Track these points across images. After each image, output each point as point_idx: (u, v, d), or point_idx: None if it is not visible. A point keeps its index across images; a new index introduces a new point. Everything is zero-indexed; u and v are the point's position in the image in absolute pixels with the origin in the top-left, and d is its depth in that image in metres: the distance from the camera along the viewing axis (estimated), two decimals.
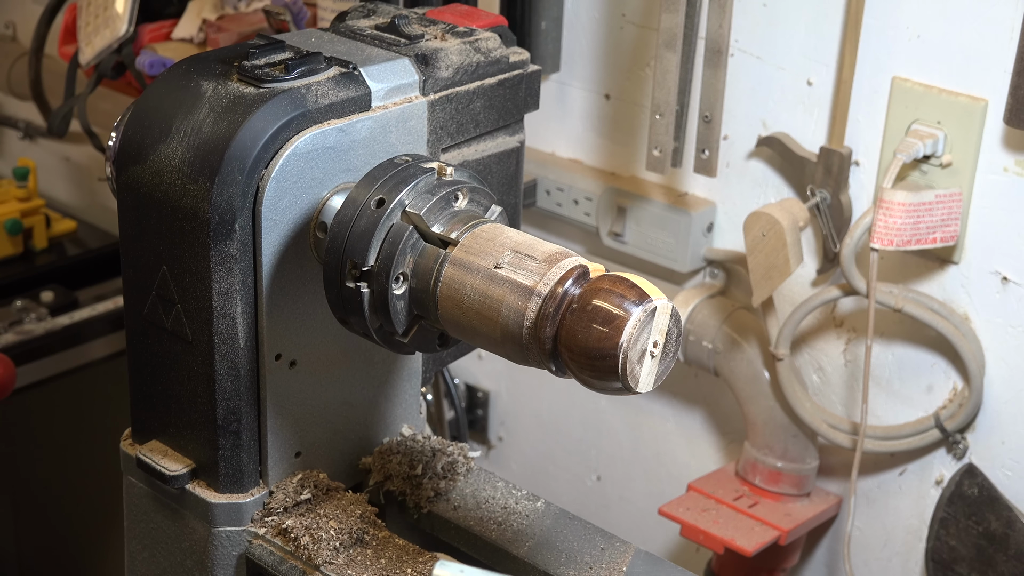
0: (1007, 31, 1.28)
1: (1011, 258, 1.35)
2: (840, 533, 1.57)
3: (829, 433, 1.49)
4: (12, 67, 2.06)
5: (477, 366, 1.88)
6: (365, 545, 1.03)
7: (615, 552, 1.06)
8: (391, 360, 1.12)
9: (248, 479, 1.04)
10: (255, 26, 1.55)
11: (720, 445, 1.67)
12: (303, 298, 1.01)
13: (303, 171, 0.97)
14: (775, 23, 1.44)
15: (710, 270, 1.58)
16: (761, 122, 1.48)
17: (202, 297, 0.97)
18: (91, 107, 1.70)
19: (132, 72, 1.56)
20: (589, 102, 1.63)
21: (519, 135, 1.15)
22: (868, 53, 1.38)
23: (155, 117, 0.99)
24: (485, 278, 0.89)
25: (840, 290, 1.43)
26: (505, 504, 1.10)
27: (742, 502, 1.53)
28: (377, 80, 1.01)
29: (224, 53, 1.03)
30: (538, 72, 1.14)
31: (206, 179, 0.94)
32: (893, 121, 1.37)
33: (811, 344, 1.53)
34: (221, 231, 0.95)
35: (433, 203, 0.92)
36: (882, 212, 1.33)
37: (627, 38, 1.57)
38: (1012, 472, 1.42)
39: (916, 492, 1.50)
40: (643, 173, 1.58)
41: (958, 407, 1.42)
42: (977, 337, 1.40)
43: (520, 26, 1.56)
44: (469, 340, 0.93)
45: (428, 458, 1.12)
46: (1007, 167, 1.33)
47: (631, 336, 0.83)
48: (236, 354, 0.99)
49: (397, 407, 1.14)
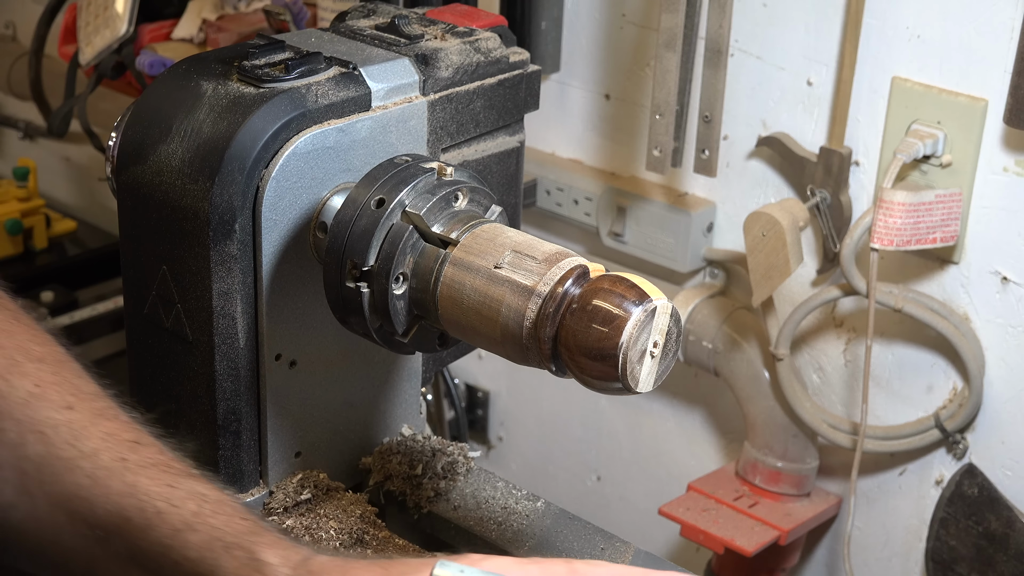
0: (1007, 31, 1.28)
1: (1011, 258, 1.35)
2: (840, 533, 1.57)
3: (829, 433, 1.49)
4: (12, 67, 2.06)
5: (477, 366, 1.88)
6: (365, 545, 1.03)
7: (615, 552, 1.06)
8: (391, 360, 1.12)
9: (248, 479, 1.04)
10: (255, 26, 1.55)
11: (720, 445, 1.67)
12: (303, 298, 1.01)
13: (303, 171, 0.97)
14: (775, 23, 1.44)
15: (710, 270, 1.58)
16: (761, 122, 1.48)
17: (202, 297, 0.97)
18: (91, 107, 1.70)
19: (132, 72, 1.56)
20: (589, 102, 1.63)
21: (519, 135, 1.15)
22: (868, 53, 1.38)
23: (155, 117, 0.99)
24: (485, 278, 0.89)
25: (840, 290, 1.43)
26: (505, 504, 1.10)
27: (742, 502, 1.53)
28: (377, 80, 1.01)
29: (224, 53, 1.03)
30: (538, 72, 1.14)
31: (206, 179, 0.94)
32: (893, 121, 1.37)
33: (811, 344, 1.53)
34: (221, 231, 0.95)
35: (433, 203, 0.92)
36: (882, 212, 1.33)
37: (627, 38, 1.57)
38: (1012, 472, 1.42)
39: (916, 492, 1.50)
40: (643, 173, 1.58)
41: (958, 407, 1.42)
42: (977, 337, 1.40)
43: (520, 26, 1.56)
44: (469, 340, 0.93)
45: (428, 458, 1.12)
46: (1007, 167, 1.33)
47: (631, 336, 0.83)
48: (236, 354, 0.99)
49: (397, 407, 1.14)
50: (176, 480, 0.83)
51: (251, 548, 0.80)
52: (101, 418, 0.86)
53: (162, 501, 0.82)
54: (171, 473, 0.84)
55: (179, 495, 0.82)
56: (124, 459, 0.84)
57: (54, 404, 0.86)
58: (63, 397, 0.86)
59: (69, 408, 0.86)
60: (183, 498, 0.82)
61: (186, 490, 0.83)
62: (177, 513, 0.81)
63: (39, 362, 0.88)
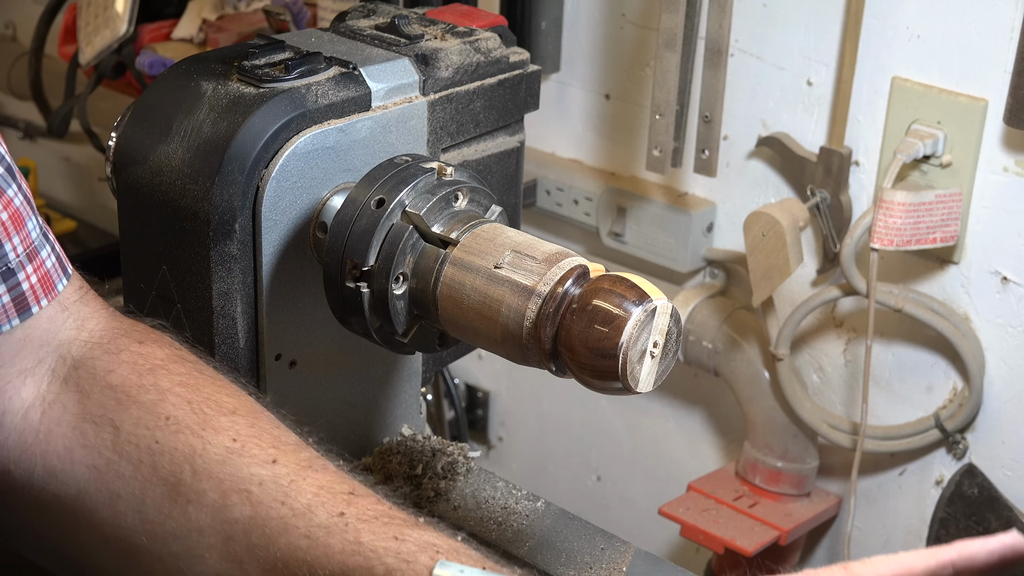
0: (1007, 31, 1.28)
1: (1011, 258, 1.35)
2: (840, 533, 1.57)
3: (829, 433, 1.49)
4: (12, 67, 2.06)
5: (477, 366, 1.88)
6: None
7: (615, 552, 1.06)
8: (391, 360, 1.12)
9: None
10: (255, 26, 1.55)
11: (720, 445, 1.67)
12: (303, 298, 1.01)
13: (303, 171, 0.97)
14: (775, 23, 1.44)
15: (710, 270, 1.58)
16: (761, 122, 1.48)
17: (202, 297, 0.97)
18: (91, 107, 1.70)
19: (132, 72, 1.56)
20: (589, 102, 1.63)
21: (519, 135, 1.15)
22: (868, 53, 1.38)
23: (155, 117, 0.99)
24: (485, 278, 0.89)
25: (840, 290, 1.43)
26: (505, 504, 1.10)
27: (742, 502, 1.53)
28: (377, 80, 1.01)
29: (224, 53, 1.03)
30: (538, 72, 1.14)
31: (206, 179, 0.94)
32: (893, 121, 1.37)
33: (811, 344, 1.53)
34: (221, 231, 0.95)
35: (433, 203, 0.92)
36: (882, 212, 1.33)
37: (627, 38, 1.57)
38: (1012, 472, 1.42)
39: (916, 492, 1.50)
40: (643, 173, 1.58)
41: (958, 407, 1.42)
42: (977, 337, 1.40)
43: (520, 26, 1.56)
44: (469, 340, 0.93)
45: (428, 458, 1.12)
46: (1007, 167, 1.33)
47: (631, 336, 0.83)
48: (236, 354, 0.99)
49: (397, 407, 1.14)
50: (402, 532, 0.75)
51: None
52: (310, 470, 0.78)
53: (391, 557, 0.73)
54: (395, 525, 0.76)
55: (409, 548, 0.73)
56: (342, 514, 0.75)
57: (256, 459, 0.78)
58: (264, 451, 0.79)
59: (273, 462, 0.78)
60: (414, 552, 0.73)
61: (415, 542, 0.74)
62: (411, 569, 0.72)
63: (233, 414, 0.81)
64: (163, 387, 0.83)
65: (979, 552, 0.69)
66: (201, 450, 0.79)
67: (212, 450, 0.79)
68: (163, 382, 0.83)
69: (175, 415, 0.81)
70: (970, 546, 0.69)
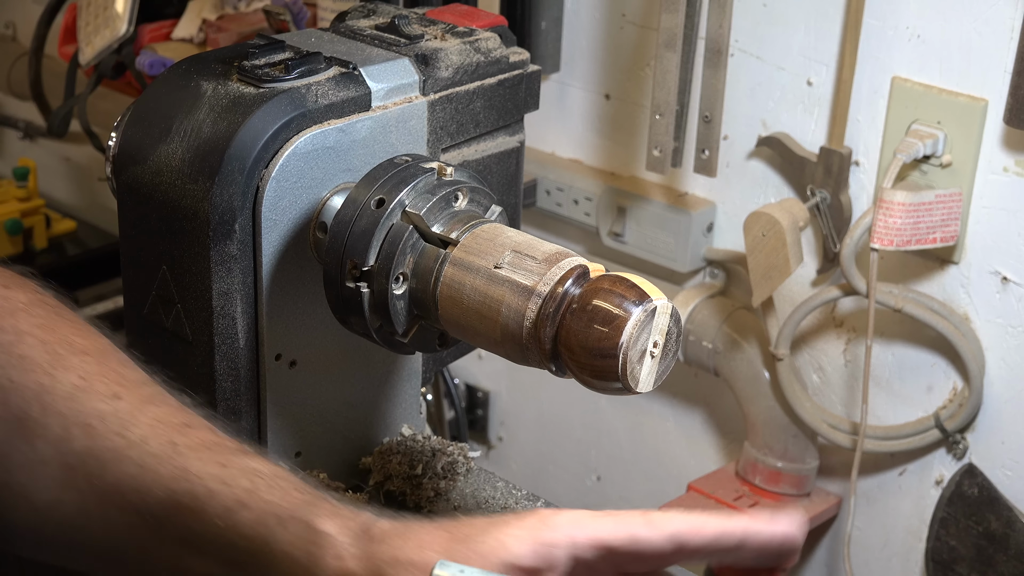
0: (1007, 31, 1.28)
1: (1011, 258, 1.35)
2: (840, 533, 1.57)
3: (829, 433, 1.49)
4: (12, 67, 2.06)
5: (477, 366, 1.88)
6: None
7: None
8: (391, 360, 1.12)
9: None
10: (255, 26, 1.55)
11: (720, 445, 1.67)
12: (303, 298, 1.01)
13: (303, 171, 0.97)
14: (775, 23, 1.44)
15: (710, 270, 1.58)
16: (761, 122, 1.48)
17: (202, 297, 0.97)
18: (91, 107, 1.70)
19: (132, 72, 1.56)
20: (589, 102, 1.63)
21: (519, 135, 1.15)
22: (868, 53, 1.38)
23: (155, 117, 0.99)
24: (485, 278, 0.89)
25: (840, 290, 1.43)
26: (505, 504, 1.10)
27: (742, 502, 1.53)
28: (377, 80, 1.01)
29: (224, 53, 1.03)
30: (538, 72, 1.14)
31: (206, 179, 0.94)
32: (893, 121, 1.37)
33: (811, 344, 1.53)
34: (221, 231, 0.95)
35: (433, 203, 0.92)
36: (882, 212, 1.34)
37: (627, 38, 1.57)
38: (1012, 472, 1.42)
39: (916, 492, 1.50)
40: (643, 173, 1.58)
41: (958, 407, 1.42)
42: (977, 337, 1.40)
43: (520, 26, 1.56)
44: (469, 340, 0.93)
45: (428, 458, 1.12)
46: (1007, 167, 1.33)
47: (631, 336, 0.83)
48: (236, 354, 0.99)
49: (397, 407, 1.14)
50: (228, 459, 0.80)
51: (307, 520, 0.77)
52: (149, 404, 0.83)
53: (214, 481, 0.78)
54: (223, 452, 0.81)
55: (231, 474, 0.79)
56: (174, 443, 0.80)
57: (100, 395, 0.83)
58: (109, 387, 0.83)
59: (116, 398, 0.83)
60: (235, 476, 0.79)
61: (238, 468, 0.79)
62: (229, 492, 0.78)
63: (83, 354, 0.85)
64: (21, 329, 0.86)
65: (762, 533, 0.76)
66: (50, 387, 0.83)
67: (60, 387, 0.83)
68: (22, 324, 0.86)
69: (29, 355, 0.84)
70: (758, 526, 0.76)
